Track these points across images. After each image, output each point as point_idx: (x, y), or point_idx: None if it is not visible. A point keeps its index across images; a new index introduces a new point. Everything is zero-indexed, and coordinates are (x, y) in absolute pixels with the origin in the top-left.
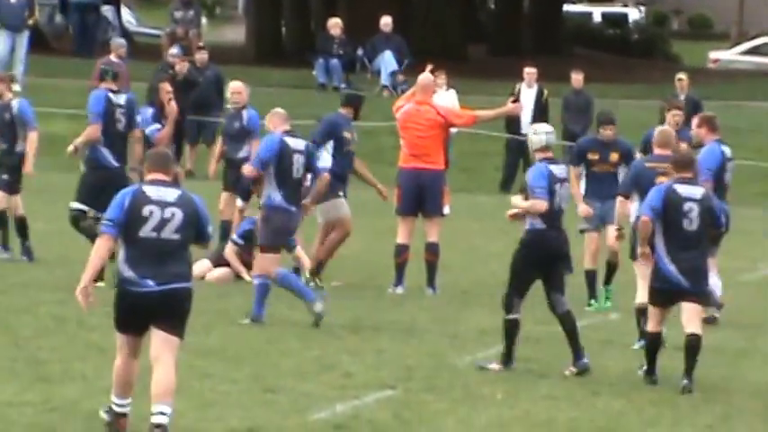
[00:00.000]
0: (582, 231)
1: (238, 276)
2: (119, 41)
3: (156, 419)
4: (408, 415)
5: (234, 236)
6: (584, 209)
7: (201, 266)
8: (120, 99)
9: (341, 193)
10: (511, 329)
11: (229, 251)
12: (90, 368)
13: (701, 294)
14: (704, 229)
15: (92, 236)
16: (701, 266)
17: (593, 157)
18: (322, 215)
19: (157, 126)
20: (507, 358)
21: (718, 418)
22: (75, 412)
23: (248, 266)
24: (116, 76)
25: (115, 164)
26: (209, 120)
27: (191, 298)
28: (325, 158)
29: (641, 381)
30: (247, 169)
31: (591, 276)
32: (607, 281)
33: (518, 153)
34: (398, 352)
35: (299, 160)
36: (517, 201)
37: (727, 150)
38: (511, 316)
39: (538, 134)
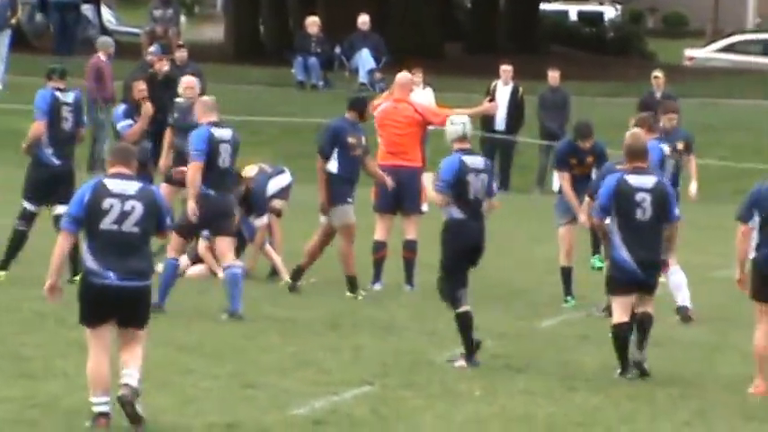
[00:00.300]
0: (560, 225)
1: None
2: (107, 40)
3: (123, 380)
4: (386, 411)
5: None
6: (585, 220)
7: (180, 263)
8: (68, 97)
9: (349, 200)
10: (464, 323)
11: (203, 248)
12: (71, 365)
13: (654, 286)
14: (658, 218)
15: (15, 238)
16: (656, 258)
17: (572, 161)
18: (327, 217)
19: (129, 122)
20: (469, 352)
21: (694, 414)
22: (56, 408)
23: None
24: (63, 73)
25: (56, 162)
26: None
27: (149, 294)
28: (331, 163)
29: (618, 376)
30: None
31: (566, 273)
32: (595, 250)
33: (493, 150)
34: (376, 348)
35: (226, 150)
36: (427, 181)
37: (666, 148)
38: (460, 309)
39: (454, 124)
